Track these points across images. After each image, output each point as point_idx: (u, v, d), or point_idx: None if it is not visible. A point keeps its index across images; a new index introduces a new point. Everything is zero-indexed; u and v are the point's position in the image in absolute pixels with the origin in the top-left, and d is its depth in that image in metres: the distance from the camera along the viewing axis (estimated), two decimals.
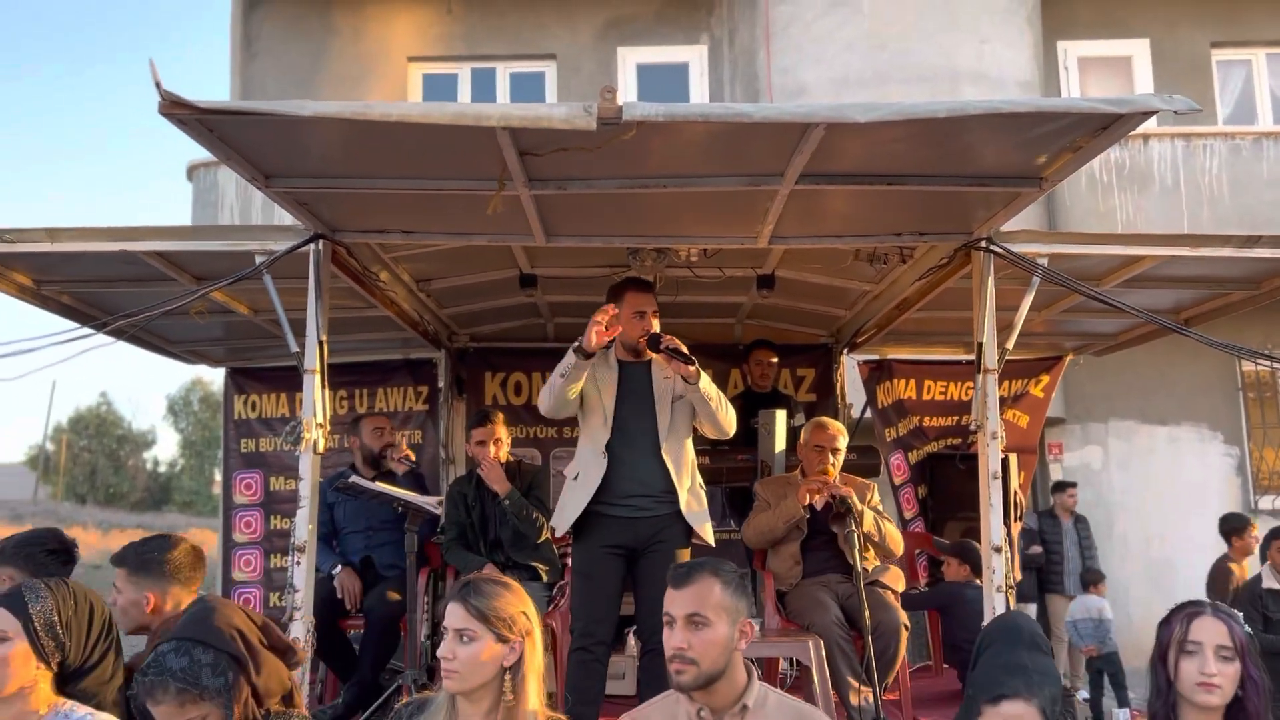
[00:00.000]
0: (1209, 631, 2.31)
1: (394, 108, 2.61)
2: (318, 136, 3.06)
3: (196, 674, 2.11)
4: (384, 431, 5.17)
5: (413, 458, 5.26)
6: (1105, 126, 2.85)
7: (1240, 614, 2.41)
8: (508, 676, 2.24)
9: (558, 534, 4.11)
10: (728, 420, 3.92)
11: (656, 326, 3.89)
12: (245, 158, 3.08)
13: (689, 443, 3.99)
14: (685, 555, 3.83)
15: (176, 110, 2.49)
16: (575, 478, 3.91)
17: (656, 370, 3.94)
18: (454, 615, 2.24)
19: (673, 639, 2.30)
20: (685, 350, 3.71)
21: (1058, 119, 2.81)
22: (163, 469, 44.23)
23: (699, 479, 3.98)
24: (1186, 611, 2.38)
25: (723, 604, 2.34)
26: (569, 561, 4.25)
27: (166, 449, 66.34)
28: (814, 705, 3.87)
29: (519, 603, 2.29)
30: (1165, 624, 2.40)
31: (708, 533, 3.92)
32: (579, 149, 2.90)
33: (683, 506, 3.84)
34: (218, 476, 40.17)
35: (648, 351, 3.87)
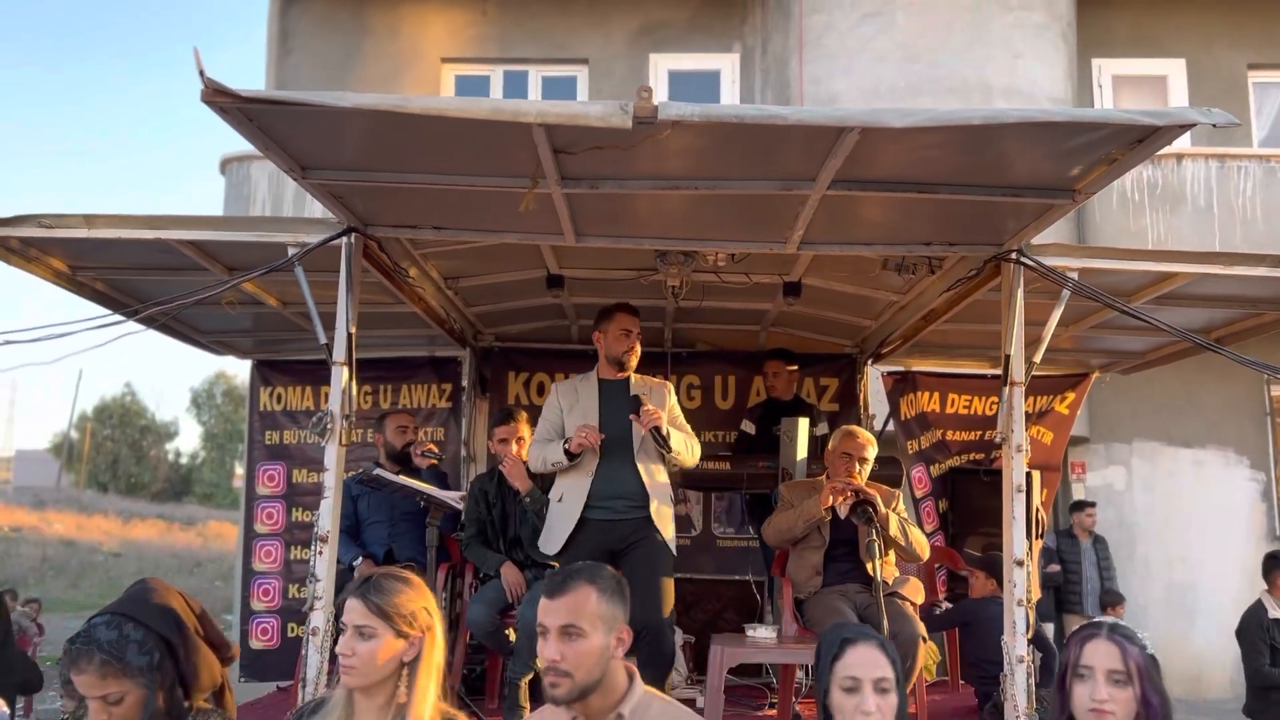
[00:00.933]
0: (1101, 655, 2.21)
1: (432, 101, 2.63)
2: (354, 129, 3.09)
3: (122, 649, 2.12)
4: (407, 430, 5.21)
5: (436, 450, 5.28)
6: (1142, 139, 2.84)
7: (1144, 634, 2.29)
8: (405, 672, 2.22)
9: (550, 552, 4.32)
10: (694, 456, 4.44)
11: (638, 350, 4.42)
12: (283, 149, 3.11)
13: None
14: (663, 555, 4.21)
15: (219, 98, 2.52)
16: (560, 499, 4.30)
17: (633, 387, 4.36)
18: (353, 611, 2.22)
19: (546, 650, 2.23)
20: (663, 431, 4.19)
21: (1094, 130, 2.80)
22: (184, 460, 44.65)
23: (669, 490, 4.38)
24: (1081, 634, 2.27)
25: (599, 613, 2.26)
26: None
27: (189, 441, 66.97)
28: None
29: (420, 599, 2.28)
30: (1064, 647, 2.31)
31: (672, 544, 4.27)
32: (613, 147, 2.91)
33: (653, 512, 4.21)
34: (239, 470, 40.52)
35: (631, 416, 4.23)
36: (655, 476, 4.29)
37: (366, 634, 2.20)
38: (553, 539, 4.27)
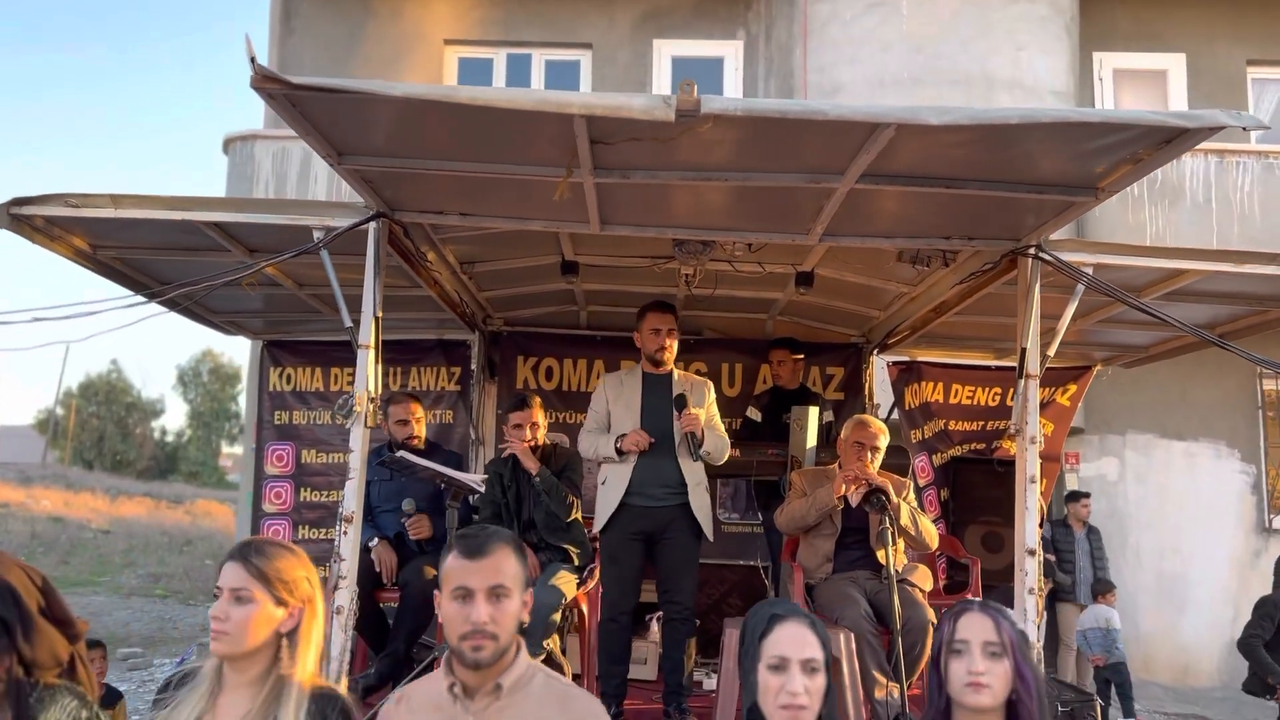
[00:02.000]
0: (976, 628, 2.19)
1: (481, 93, 2.67)
2: (388, 116, 3.12)
3: None
4: (406, 424, 5.19)
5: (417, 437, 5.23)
6: (1169, 140, 2.90)
7: (1011, 612, 2.28)
8: (284, 643, 2.14)
9: (595, 530, 4.62)
10: (723, 457, 4.70)
11: (674, 345, 4.66)
12: (322, 134, 3.14)
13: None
14: (695, 544, 4.57)
15: (268, 84, 2.55)
16: (604, 482, 4.60)
17: (676, 384, 4.63)
18: (231, 574, 2.13)
19: (475, 613, 2.10)
20: (699, 435, 4.46)
21: (1124, 130, 2.86)
22: (170, 439, 44.49)
23: (706, 481, 4.65)
24: (955, 610, 2.26)
25: (518, 574, 2.19)
26: (598, 547, 4.80)
27: (175, 419, 66.69)
28: (844, 698, 3.95)
29: (303, 568, 2.20)
30: (938, 626, 2.30)
31: (708, 526, 4.58)
32: (650, 139, 2.95)
33: (690, 500, 4.51)
34: (225, 449, 40.43)
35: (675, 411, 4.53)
36: (694, 466, 4.55)
37: (243, 598, 2.11)
38: (598, 518, 4.59)
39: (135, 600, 14.08)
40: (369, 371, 3.78)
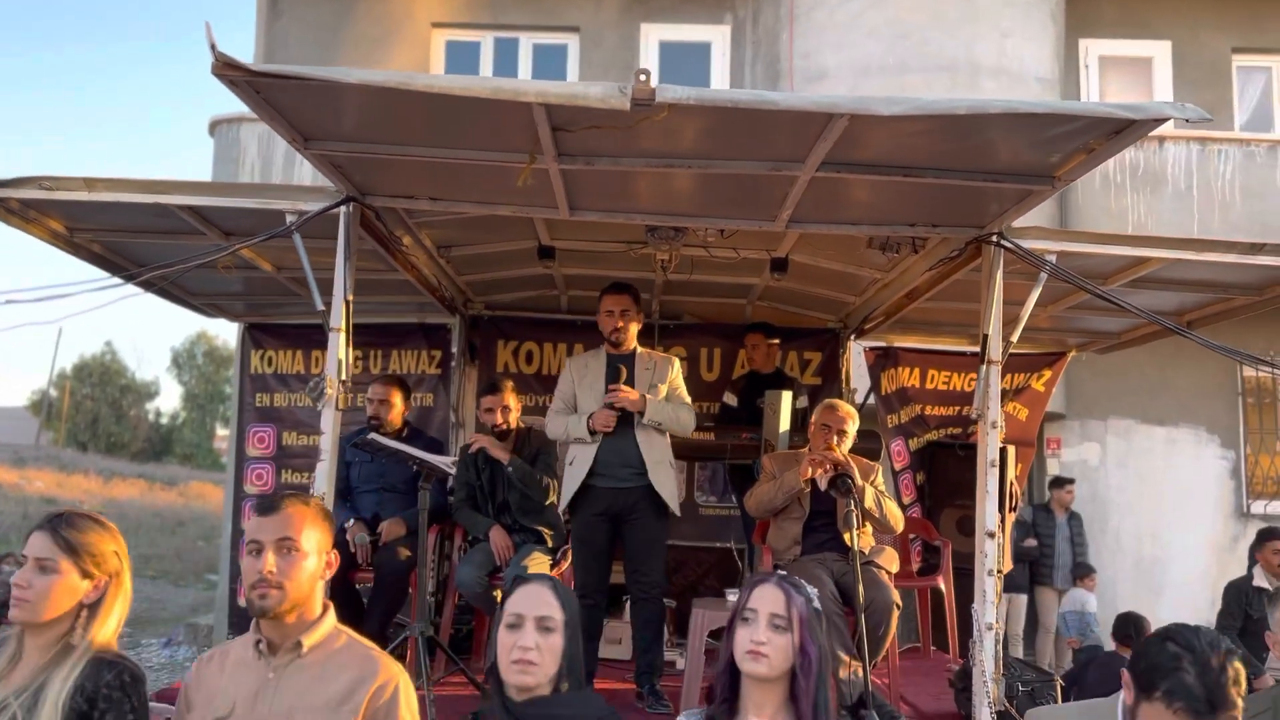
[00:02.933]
0: (766, 600, 2.24)
1: (436, 80, 2.71)
2: (355, 103, 3.16)
3: None
4: (376, 403, 5.21)
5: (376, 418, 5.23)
6: (1119, 130, 2.95)
7: (812, 590, 2.32)
8: (84, 614, 2.21)
9: (560, 508, 4.68)
10: (683, 426, 4.71)
11: (634, 327, 4.71)
12: (287, 120, 3.18)
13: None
14: (661, 524, 4.61)
15: (229, 72, 2.59)
16: (571, 463, 4.63)
17: (638, 362, 4.67)
18: (37, 544, 2.19)
19: (262, 564, 2.19)
20: (630, 399, 4.50)
21: (1073, 121, 2.91)
22: (164, 421, 44.49)
23: (670, 458, 4.68)
24: (752, 581, 2.32)
25: (311, 533, 2.25)
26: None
27: (169, 401, 66.68)
28: None
29: (113, 542, 2.27)
30: (739, 596, 2.35)
31: (673, 502, 4.61)
32: (610, 127, 2.99)
33: (651, 480, 4.53)
34: (219, 431, 40.47)
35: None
36: (654, 445, 4.60)
37: (48, 568, 2.18)
38: (563, 499, 4.67)
39: None
40: (340, 354, 3.83)
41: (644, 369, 4.69)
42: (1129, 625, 6.34)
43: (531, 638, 2.17)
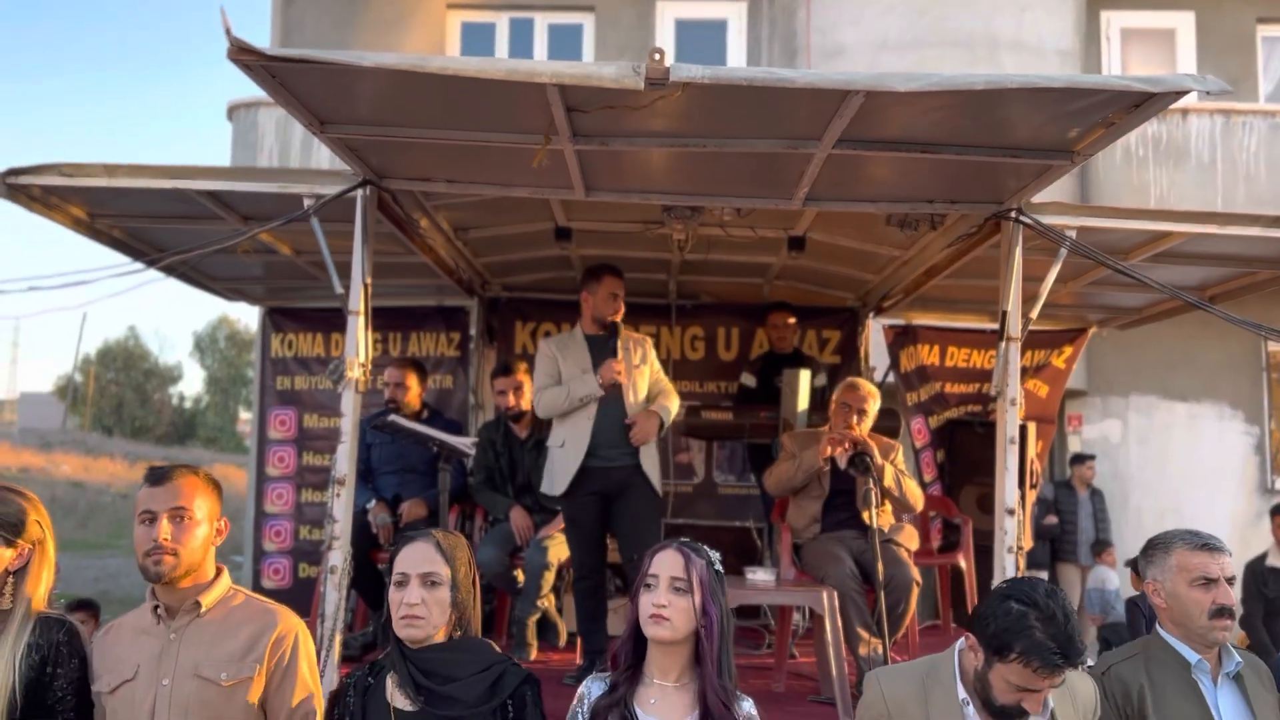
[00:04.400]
0: (666, 564, 2.27)
1: (450, 61, 2.71)
2: (371, 86, 3.16)
3: None
4: (390, 386, 5.26)
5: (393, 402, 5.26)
6: (1139, 104, 2.92)
7: (714, 555, 2.34)
8: (10, 580, 2.36)
9: (555, 493, 4.51)
10: (675, 415, 4.71)
11: (623, 311, 4.61)
12: (303, 104, 3.19)
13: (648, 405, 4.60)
14: (653, 499, 4.53)
15: (244, 56, 2.60)
16: (562, 445, 4.48)
17: (620, 343, 4.53)
18: None
19: (155, 532, 2.28)
20: (649, 430, 4.46)
21: (1092, 95, 2.88)
22: (188, 405, 44.86)
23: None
24: (654, 549, 2.35)
25: (202, 502, 2.35)
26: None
27: (192, 385, 67.23)
28: (826, 655, 4.04)
29: (33, 511, 2.42)
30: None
31: (657, 483, 4.55)
32: (625, 107, 2.98)
33: (642, 459, 4.46)
34: (243, 414, 40.79)
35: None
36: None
37: None
38: (556, 482, 4.47)
39: None
40: (359, 337, 3.85)
41: (624, 349, 4.54)
42: None
43: (417, 594, 2.24)
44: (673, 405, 4.63)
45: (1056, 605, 2.18)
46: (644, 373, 4.58)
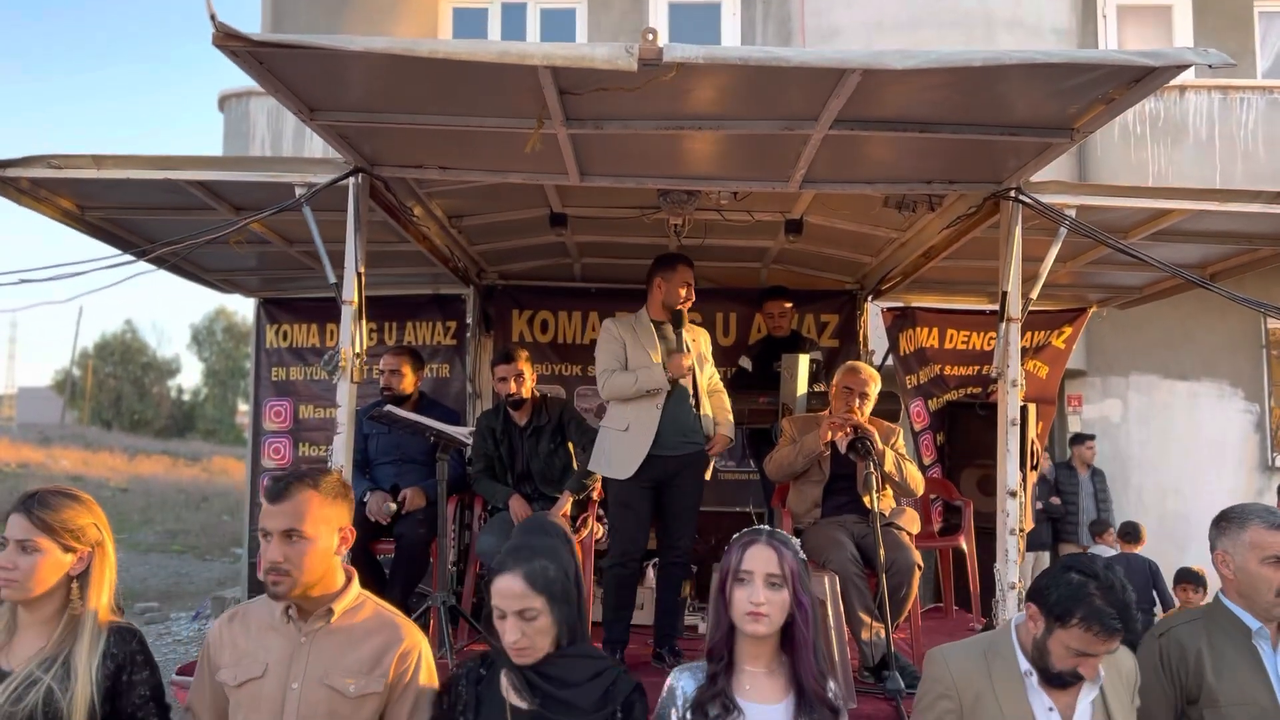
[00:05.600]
0: (759, 560, 2.30)
1: (440, 44, 2.66)
2: (361, 72, 3.11)
3: None
4: (385, 374, 5.24)
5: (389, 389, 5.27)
6: (1139, 79, 2.88)
7: (795, 541, 2.39)
8: (75, 585, 2.34)
9: (618, 477, 4.48)
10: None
11: (691, 300, 4.60)
12: (292, 91, 3.15)
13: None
14: (701, 489, 4.61)
15: (230, 42, 2.56)
16: (625, 429, 4.44)
17: (686, 333, 4.56)
18: (16, 526, 2.30)
19: (270, 553, 2.27)
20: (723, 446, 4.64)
21: (1091, 70, 2.84)
22: (186, 397, 44.88)
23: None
24: (742, 540, 2.37)
25: (318, 516, 2.31)
26: (594, 496, 4.90)
27: (190, 377, 67.26)
28: (829, 638, 4.01)
29: (88, 515, 2.38)
30: (725, 554, 2.40)
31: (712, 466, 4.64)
32: (618, 89, 2.94)
33: (707, 447, 4.55)
34: (241, 405, 40.81)
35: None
36: (710, 414, 4.62)
37: (29, 549, 2.29)
38: (617, 465, 4.44)
39: (153, 556, 14.31)
40: (353, 327, 3.81)
41: (692, 343, 4.57)
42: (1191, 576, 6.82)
43: (516, 629, 2.23)
44: (730, 412, 4.72)
45: (1115, 577, 2.30)
46: (705, 374, 4.66)
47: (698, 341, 4.65)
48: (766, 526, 2.45)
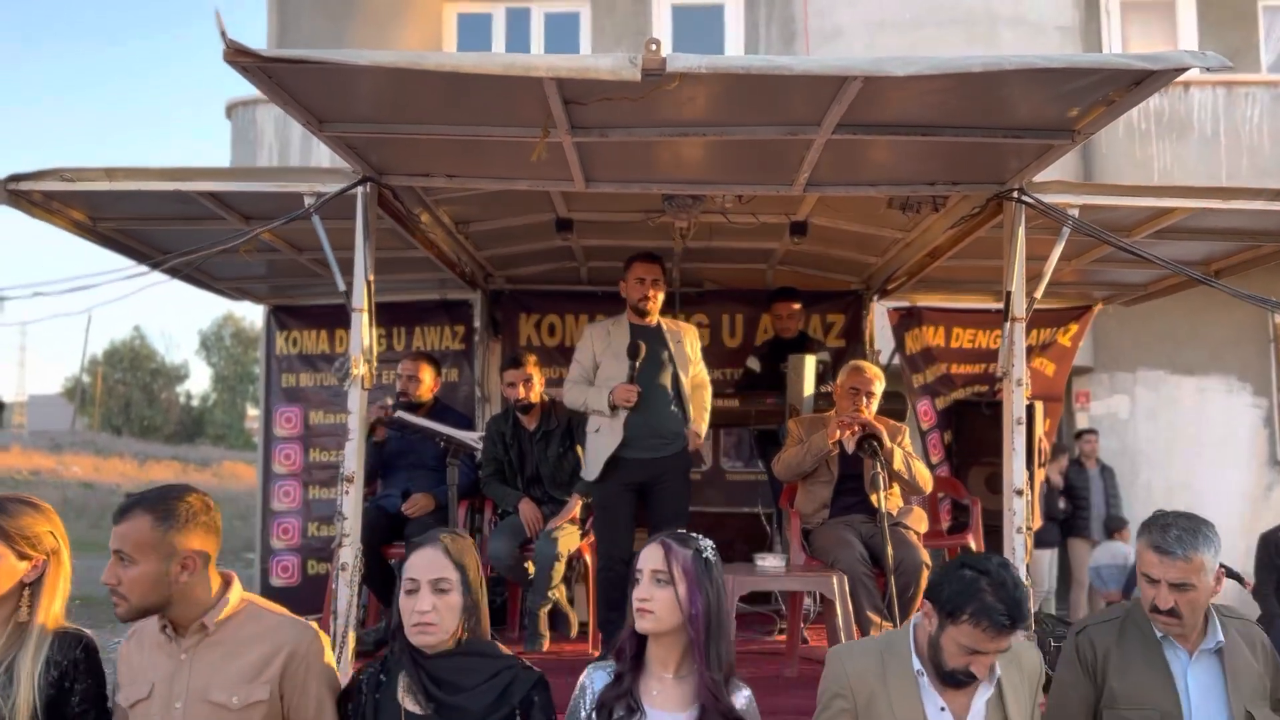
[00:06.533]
0: (647, 558, 2.32)
1: (447, 58, 2.71)
2: (369, 84, 3.16)
3: None
4: (404, 379, 5.33)
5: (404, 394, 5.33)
6: (1138, 81, 2.90)
7: (707, 545, 2.37)
8: (27, 592, 2.32)
9: (589, 479, 4.62)
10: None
11: (659, 297, 4.69)
12: (301, 104, 3.19)
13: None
14: (688, 488, 4.69)
15: (240, 58, 2.60)
16: (597, 431, 4.53)
17: (667, 336, 4.65)
18: None
19: (105, 574, 2.23)
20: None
21: (1090, 74, 2.87)
22: (195, 403, 45.03)
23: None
24: (645, 544, 2.39)
25: (145, 541, 2.23)
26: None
27: (199, 383, 67.55)
28: (837, 639, 4.05)
29: (46, 523, 2.37)
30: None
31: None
32: (622, 98, 2.98)
33: (685, 448, 4.62)
34: (250, 411, 40.94)
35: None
36: (688, 414, 4.66)
37: None
38: (590, 468, 4.60)
39: None
40: (363, 334, 3.86)
41: (674, 342, 4.66)
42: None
43: (428, 601, 2.23)
44: (707, 409, 4.78)
45: (1007, 574, 2.28)
46: (692, 361, 4.72)
47: (682, 343, 4.69)
48: (683, 531, 2.44)
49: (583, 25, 10.30)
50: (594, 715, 2.30)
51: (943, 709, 2.37)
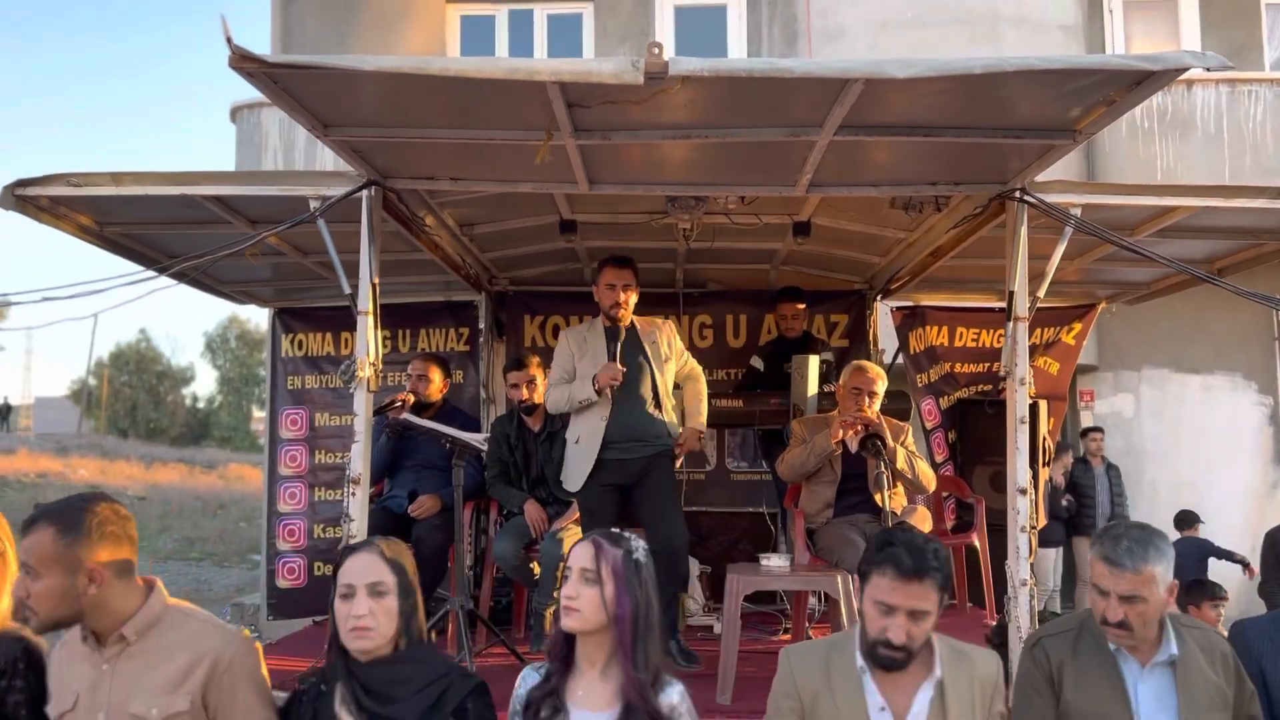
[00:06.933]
0: (577, 556, 2.31)
1: (451, 63, 2.73)
2: (373, 89, 3.18)
3: None
4: (413, 379, 5.34)
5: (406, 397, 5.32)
6: (1139, 82, 2.91)
7: (637, 544, 2.36)
8: None
9: (571, 489, 4.59)
10: (706, 400, 4.84)
11: (633, 299, 4.60)
12: (306, 108, 3.21)
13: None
14: (674, 484, 4.63)
15: (245, 64, 2.62)
16: (576, 441, 4.51)
17: (642, 336, 4.60)
18: None
19: (16, 587, 2.21)
20: (695, 445, 4.69)
21: (1091, 75, 2.88)
22: (201, 405, 45.18)
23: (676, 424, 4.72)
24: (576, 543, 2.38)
25: (46, 554, 2.17)
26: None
27: (205, 385, 67.70)
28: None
29: None
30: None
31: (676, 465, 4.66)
32: (625, 102, 3.00)
33: (665, 447, 4.54)
34: (256, 412, 41.03)
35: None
36: (667, 413, 4.61)
37: None
38: (571, 478, 4.55)
39: (172, 564, 14.44)
40: (369, 337, 3.88)
41: (648, 343, 4.60)
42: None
43: (364, 605, 2.21)
44: (702, 392, 4.72)
45: (916, 537, 2.35)
46: (673, 368, 4.65)
47: (657, 342, 4.64)
48: (616, 530, 2.44)
49: (585, 26, 10.32)
50: (521, 715, 2.29)
51: (883, 709, 2.34)
